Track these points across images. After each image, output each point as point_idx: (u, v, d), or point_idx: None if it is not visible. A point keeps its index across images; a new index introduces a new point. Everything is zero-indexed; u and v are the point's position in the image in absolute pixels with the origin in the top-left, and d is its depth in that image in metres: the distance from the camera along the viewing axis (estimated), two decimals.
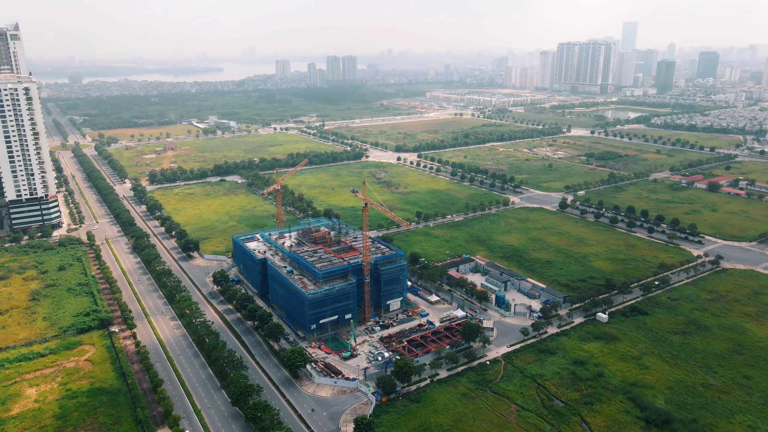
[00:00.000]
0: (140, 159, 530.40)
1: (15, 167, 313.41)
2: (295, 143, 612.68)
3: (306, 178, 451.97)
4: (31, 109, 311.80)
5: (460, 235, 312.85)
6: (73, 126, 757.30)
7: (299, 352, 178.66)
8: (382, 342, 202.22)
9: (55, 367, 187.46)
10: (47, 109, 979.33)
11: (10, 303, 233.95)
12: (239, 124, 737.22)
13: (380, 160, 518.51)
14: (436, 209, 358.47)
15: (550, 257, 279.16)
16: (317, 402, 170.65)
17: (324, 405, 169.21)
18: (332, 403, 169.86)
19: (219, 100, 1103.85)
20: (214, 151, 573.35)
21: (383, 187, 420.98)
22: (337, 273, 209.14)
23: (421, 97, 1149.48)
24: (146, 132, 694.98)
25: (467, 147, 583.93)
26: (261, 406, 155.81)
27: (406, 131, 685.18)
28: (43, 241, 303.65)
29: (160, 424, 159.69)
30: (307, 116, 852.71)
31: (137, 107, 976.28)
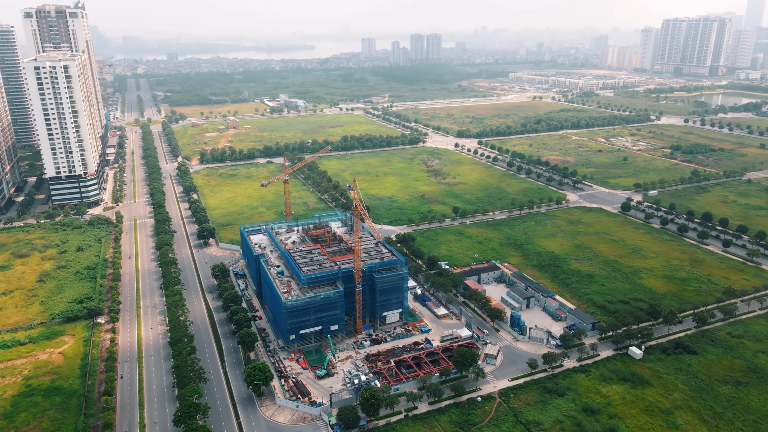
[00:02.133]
0: (200, 137, 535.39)
1: (54, 145, 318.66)
2: (356, 125, 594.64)
3: (354, 163, 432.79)
4: (70, 87, 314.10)
5: (497, 236, 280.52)
6: (154, 102, 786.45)
7: (260, 369, 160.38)
8: (367, 360, 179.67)
9: (28, 358, 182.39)
10: (138, 84, 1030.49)
11: (18, 283, 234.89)
12: (307, 104, 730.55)
13: (437, 146, 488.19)
14: (479, 204, 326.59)
15: (592, 270, 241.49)
16: (271, 429, 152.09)
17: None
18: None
19: (299, 78, 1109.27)
20: (273, 130, 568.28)
21: (430, 176, 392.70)
22: (323, 279, 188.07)
23: (503, 79, 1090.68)
24: (217, 109, 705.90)
25: (536, 134, 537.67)
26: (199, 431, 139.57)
27: (475, 115, 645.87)
28: (75, 219, 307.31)
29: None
30: (379, 96, 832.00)
31: (219, 84, 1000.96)
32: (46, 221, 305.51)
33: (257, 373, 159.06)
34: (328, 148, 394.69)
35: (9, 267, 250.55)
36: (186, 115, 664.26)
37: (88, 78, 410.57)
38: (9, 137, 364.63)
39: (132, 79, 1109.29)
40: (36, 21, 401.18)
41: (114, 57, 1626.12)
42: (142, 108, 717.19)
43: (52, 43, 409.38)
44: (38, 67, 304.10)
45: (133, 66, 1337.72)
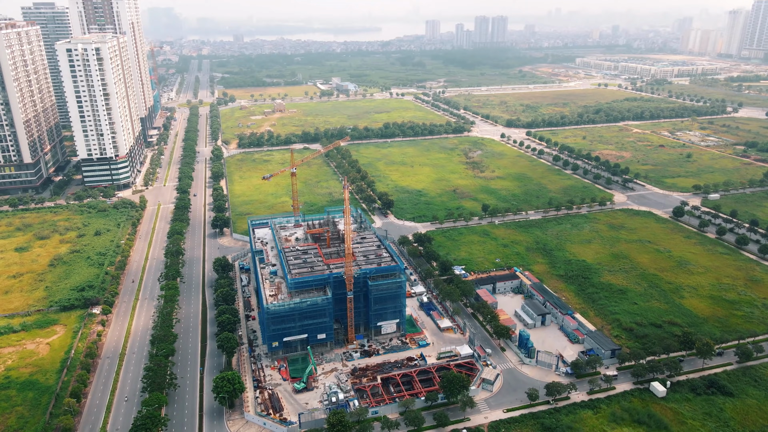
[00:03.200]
0: (245, 120, 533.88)
1: (86, 127, 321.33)
2: (403, 111, 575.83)
3: (391, 152, 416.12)
4: (101, 70, 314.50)
5: (525, 239, 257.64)
6: (210, 83, 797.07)
7: (230, 380, 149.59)
8: (352, 375, 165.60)
9: (16, 347, 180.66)
10: (201, 65, 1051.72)
11: (31, 266, 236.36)
12: (358, 88, 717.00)
13: (482, 136, 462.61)
14: (513, 202, 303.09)
15: (626, 284, 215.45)
16: None
17: None
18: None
19: (357, 61, 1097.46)
20: (318, 115, 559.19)
21: (468, 168, 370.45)
22: (312, 284, 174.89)
23: (569, 64, 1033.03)
24: (269, 92, 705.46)
25: (593, 125, 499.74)
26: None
27: (530, 103, 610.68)
28: (101, 202, 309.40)
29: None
30: (434, 81, 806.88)
31: (278, 66, 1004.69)
32: (74, 203, 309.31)
33: (225, 384, 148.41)
34: (347, 138, 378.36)
35: (27, 248, 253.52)
36: (237, 97, 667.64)
37: (129, 60, 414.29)
38: (52, 118, 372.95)
39: (196, 60, 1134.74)
40: (82, 3, 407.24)
41: (184, 38, 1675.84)
42: (196, 89, 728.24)
43: (97, 24, 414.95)
44: (70, 49, 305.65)
45: (199, 47, 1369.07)
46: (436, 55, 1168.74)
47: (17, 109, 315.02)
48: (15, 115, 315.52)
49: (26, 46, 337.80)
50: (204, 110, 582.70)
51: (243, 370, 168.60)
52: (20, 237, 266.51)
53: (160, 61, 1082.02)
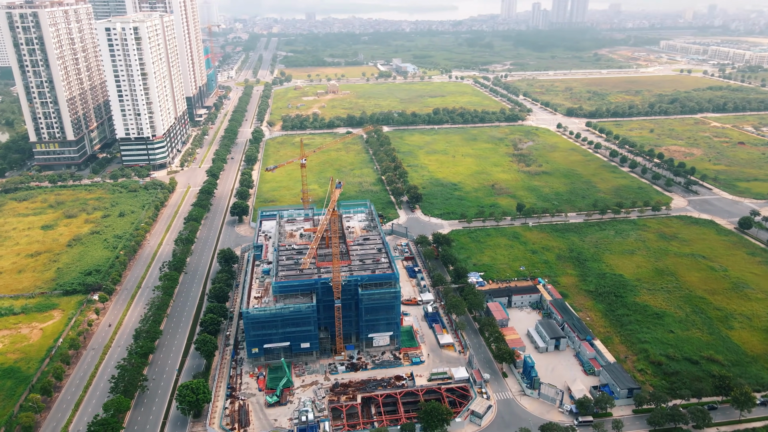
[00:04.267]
0: (296, 101, 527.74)
1: (123, 106, 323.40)
2: (459, 95, 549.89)
3: (436, 140, 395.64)
4: (140, 50, 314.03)
5: (558, 245, 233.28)
6: (272, 62, 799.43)
7: (194, 389, 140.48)
8: (332, 391, 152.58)
9: (11, 331, 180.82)
10: (269, 44, 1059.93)
11: (50, 245, 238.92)
12: (417, 69, 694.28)
13: (538, 125, 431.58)
14: (554, 202, 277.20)
15: (666, 307, 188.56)
16: None
17: None
18: None
19: (425, 41, 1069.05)
20: (370, 97, 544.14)
21: (514, 161, 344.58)
22: (297, 289, 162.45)
23: (652, 47, 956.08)
24: (327, 71, 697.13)
25: (665, 117, 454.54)
26: None
27: (598, 89, 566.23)
28: (133, 182, 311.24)
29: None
30: (500, 64, 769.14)
31: (343, 45, 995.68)
32: (108, 182, 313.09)
33: (188, 393, 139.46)
34: (369, 128, 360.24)
35: (52, 227, 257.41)
36: (294, 77, 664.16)
37: (177, 39, 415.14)
38: (101, 95, 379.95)
39: (265, 38, 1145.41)
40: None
41: (259, 16, 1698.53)
42: (257, 68, 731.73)
43: (148, 3, 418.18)
44: (109, 29, 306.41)
45: (270, 25, 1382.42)
46: (507, 36, 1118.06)
47: (61, 87, 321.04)
48: (59, 93, 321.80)
49: (74, 24, 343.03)
50: (258, 90, 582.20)
51: (220, 374, 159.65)
52: (50, 214, 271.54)
53: (230, 38, 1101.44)
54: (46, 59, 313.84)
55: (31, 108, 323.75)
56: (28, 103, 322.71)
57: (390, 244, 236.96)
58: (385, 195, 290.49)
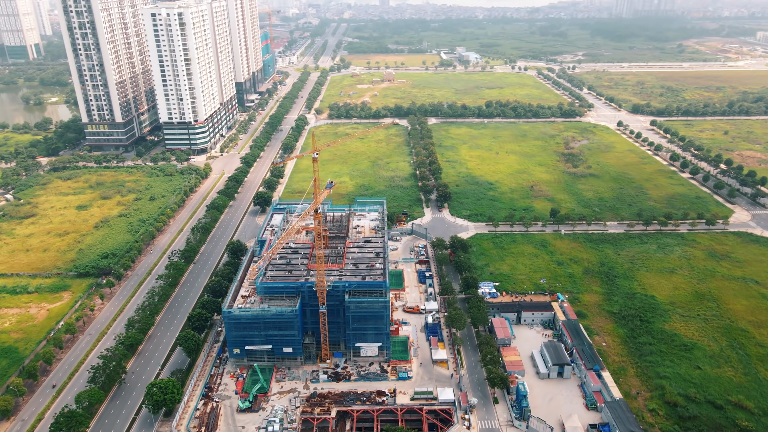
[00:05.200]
0: (349, 89, 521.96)
1: (167, 91, 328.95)
2: (518, 87, 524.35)
3: (482, 134, 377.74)
4: (183, 35, 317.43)
5: (589, 258, 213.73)
6: (335, 48, 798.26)
7: (162, 388, 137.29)
8: (308, 401, 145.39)
9: (20, 310, 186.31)
10: (337, 29, 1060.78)
11: (79, 226, 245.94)
12: (480, 59, 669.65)
13: (597, 122, 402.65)
14: (595, 208, 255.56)
15: (698, 338, 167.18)
16: None
17: None
18: None
19: (495, 29, 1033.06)
20: (425, 87, 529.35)
21: (562, 161, 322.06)
22: (282, 291, 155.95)
23: (746, 38, 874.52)
24: (388, 59, 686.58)
25: (745, 117, 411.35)
26: None
27: (673, 85, 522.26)
28: (171, 166, 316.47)
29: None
30: (571, 54, 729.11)
31: (411, 32, 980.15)
32: (149, 165, 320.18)
33: (156, 392, 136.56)
34: (393, 121, 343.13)
35: (86, 207, 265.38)
36: (354, 63, 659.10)
37: (228, 24, 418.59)
38: (151, 79, 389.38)
39: (335, 24, 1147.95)
40: None
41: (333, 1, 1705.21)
42: (319, 54, 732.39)
43: None
44: (154, 14, 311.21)
45: (342, 10, 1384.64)
46: (585, 25, 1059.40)
47: (110, 70, 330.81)
48: (108, 76, 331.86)
49: (128, 9, 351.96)
50: (315, 76, 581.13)
51: (201, 373, 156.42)
52: (88, 195, 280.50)
53: (301, 24, 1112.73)
54: (97, 43, 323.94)
55: (83, 90, 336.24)
56: (80, 85, 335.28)
57: (408, 245, 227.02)
58: (414, 191, 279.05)
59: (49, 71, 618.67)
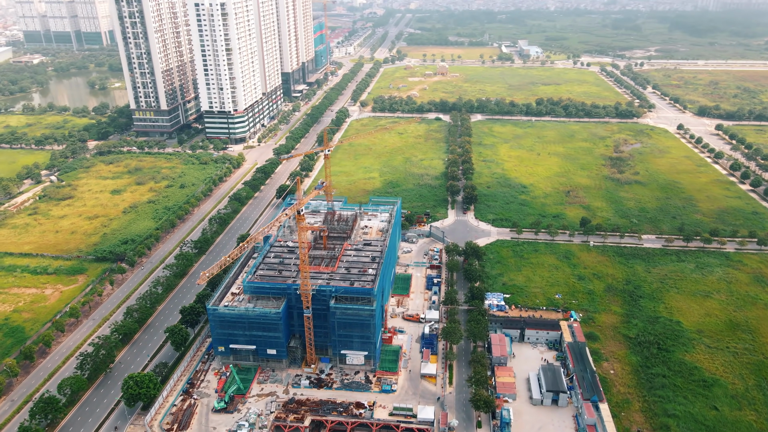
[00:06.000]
0: (398, 81, 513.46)
1: (208, 80, 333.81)
2: (576, 84, 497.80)
3: (527, 133, 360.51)
4: (226, 25, 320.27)
5: (615, 274, 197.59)
6: (395, 39, 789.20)
7: (138, 381, 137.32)
8: (284, 406, 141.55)
9: (36, 290, 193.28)
10: (401, 20, 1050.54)
11: (109, 210, 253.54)
12: (541, 53, 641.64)
13: (655, 124, 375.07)
14: (635, 219, 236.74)
15: (722, 374, 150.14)
16: None
17: None
18: None
19: (566, 22, 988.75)
20: (478, 82, 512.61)
21: (608, 165, 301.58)
22: (268, 291, 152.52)
23: None
24: (446, 51, 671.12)
25: None
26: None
27: (751, 85, 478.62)
28: (207, 154, 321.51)
29: None
30: (642, 50, 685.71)
31: (476, 24, 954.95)
32: (186, 152, 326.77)
33: (132, 386, 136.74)
34: (416, 119, 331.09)
35: (120, 192, 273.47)
36: (410, 55, 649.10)
37: (278, 15, 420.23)
38: None
39: (400, 14, 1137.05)
40: None
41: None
42: (376, 45, 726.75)
43: None
44: (198, 3, 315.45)
45: (408, 1, 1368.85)
46: (664, 18, 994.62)
47: (157, 58, 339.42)
48: (155, 65, 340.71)
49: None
50: (368, 67, 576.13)
51: (187, 368, 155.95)
52: (125, 179, 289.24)
53: (366, 14, 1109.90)
54: (145, 32, 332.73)
55: (131, 77, 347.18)
56: (129, 72, 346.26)
57: (424, 248, 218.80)
58: (442, 191, 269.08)
59: (117, 57, 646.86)
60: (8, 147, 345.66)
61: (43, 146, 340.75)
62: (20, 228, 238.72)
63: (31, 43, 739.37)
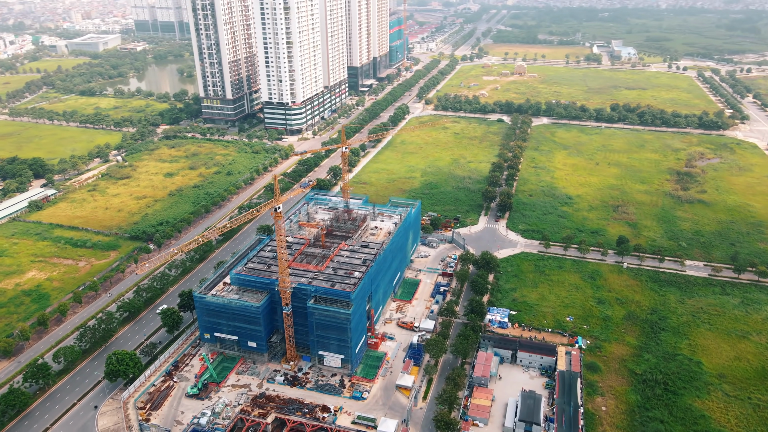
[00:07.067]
0: (469, 80, 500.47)
1: (269, 72, 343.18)
2: (665, 90, 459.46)
3: (591, 140, 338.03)
4: (287, 19, 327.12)
5: (642, 300, 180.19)
6: (481, 37, 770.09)
7: (120, 359, 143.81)
8: (254, 401, 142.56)
9: (72, 261, 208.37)
10: (495, 16, 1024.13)
11: (156, 192, 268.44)
12: (634, 55, 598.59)
13: (744, 138, 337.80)
14: (683, 243, 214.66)
15: (735, 429, 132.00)
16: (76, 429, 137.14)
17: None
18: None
19: (674, 22, 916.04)
20: (555, 83, 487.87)
21: (672, 180, 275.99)
22: (253, 284, 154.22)
23: None
24: (531, 50, 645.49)
25: None
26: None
27: None
28: (261, 143, 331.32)
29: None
30: (756, 54, 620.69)
31: (573, 22, 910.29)
32: (243, 140, 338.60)
33: (113, 362, 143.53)
34: (441, 121, 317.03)
35: (172, 175, 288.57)
36: (492, 53, 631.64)
37: (348, 10, 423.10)
38: None
39: (495, 11, 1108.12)
40: None
41: None
42: (461, 42, 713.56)
43: None
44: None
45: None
46: None
47: (225, 50, 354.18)
48: (223, 55, 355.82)
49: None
50: (444, 64, 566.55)
51: (177, 350, 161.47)
52: (181, 164, 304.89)
53: (460, 10, 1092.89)
54: (215, 23, 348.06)
55: (201, 67, 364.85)
56: (199, 62, 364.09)
57: (442, 254, 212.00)
58: (479, 196, 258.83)
59: None
60: (92, 127, 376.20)
61: (121, 128, 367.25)
62: (77, 202, 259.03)
63: (140, 32, 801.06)
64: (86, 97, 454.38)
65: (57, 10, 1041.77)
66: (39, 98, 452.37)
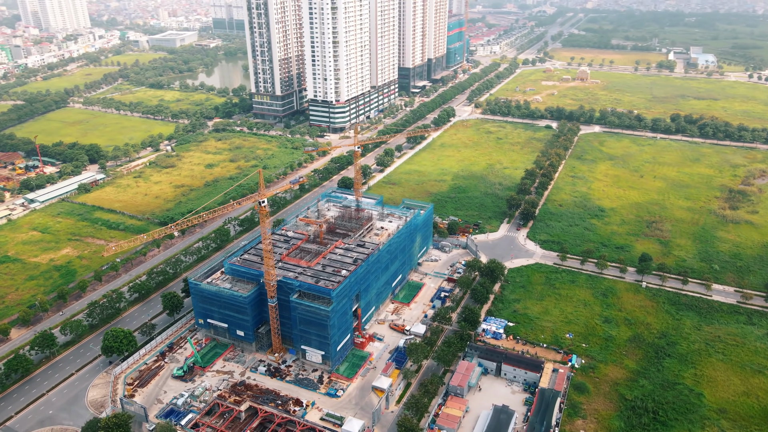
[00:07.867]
0: (529, 84, 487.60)
1: (315, 70, 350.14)
2: (739, 101, 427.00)
3: (643, 151, 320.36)
4: (334, 19, 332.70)
5: (653, 323, 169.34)
6: (549, 41, 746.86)
7: (115, 335, 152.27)
8: (233, 388, 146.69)
9: (103, 242, 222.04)
10: (569, 20, 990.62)
11: (194, 181, 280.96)
12: (713, 63, 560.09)
13: None
14: (717, 266, 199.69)
15: None
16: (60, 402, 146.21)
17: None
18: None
19: (767, 28, 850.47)
20: (618, 90, 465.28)
21: (721, 198, 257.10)
22: (243, 275, 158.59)
23: None
24: (599, 55, 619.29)
25: None
26: None
27: None
28: (301, 140, 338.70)
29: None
30: None
31: (650, 27, 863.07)
32: (288, 135, 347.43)
33: (110, 338, 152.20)
34: (434, 129, 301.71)
35: (212, 166, 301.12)
36: (556, 58, 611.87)
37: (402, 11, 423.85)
38: None
39: (571, 14, 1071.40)
40: None
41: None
42: (527, 45, 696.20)
43: None
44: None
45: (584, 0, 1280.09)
46: None
47: (276, 47, 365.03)
48: (273, 53, 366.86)
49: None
50: (503, 68, 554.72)
51: (175, 332, 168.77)
52: (223, 155, 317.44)
53: (534, 12, 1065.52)
54: (267, 22, 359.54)
55: (254, 64, 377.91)
56: (252, 59, 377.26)
57: (453, 259, 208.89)
58: (505, 203, 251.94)
59: None
60: (152, 118, 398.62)
61: (177, 120, 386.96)
62: (122, 187, 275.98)
63: (217, 29, 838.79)
64: (154, 89, 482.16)
65: (147, 8, 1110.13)
66: (113, 89, 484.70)
